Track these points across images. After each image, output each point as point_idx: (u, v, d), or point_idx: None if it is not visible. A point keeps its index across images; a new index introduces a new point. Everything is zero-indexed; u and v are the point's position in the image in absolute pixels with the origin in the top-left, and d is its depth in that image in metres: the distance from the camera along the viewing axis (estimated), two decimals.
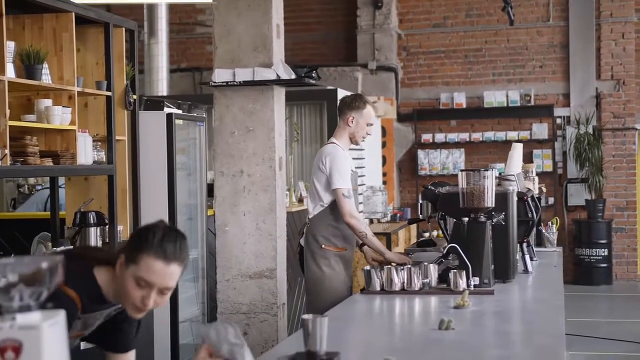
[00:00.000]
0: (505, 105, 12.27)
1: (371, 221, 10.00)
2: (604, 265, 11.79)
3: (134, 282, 2.54)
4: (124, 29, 5.75)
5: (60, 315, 1.73)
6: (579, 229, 11.93)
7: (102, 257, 2.66)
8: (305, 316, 2.57)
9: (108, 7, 11.66)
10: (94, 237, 5.27)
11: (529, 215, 4.94)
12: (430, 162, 12.43)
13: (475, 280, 4.20)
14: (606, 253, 11.78)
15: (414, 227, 10.56)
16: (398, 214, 10.68)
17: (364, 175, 9.80)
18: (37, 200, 7.37)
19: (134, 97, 5.77)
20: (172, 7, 12.16)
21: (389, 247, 8.53)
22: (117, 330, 2.76)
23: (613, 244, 11.95)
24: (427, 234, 10.46)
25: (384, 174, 11.77)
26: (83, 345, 2.97)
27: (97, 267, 2.64)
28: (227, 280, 5.38)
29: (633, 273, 12.17)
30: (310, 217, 5.03)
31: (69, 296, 2.53)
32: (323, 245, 4.96)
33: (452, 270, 4.17)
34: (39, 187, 7.98)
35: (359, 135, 5.02)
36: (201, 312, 6.58)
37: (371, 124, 5.05)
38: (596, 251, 11.75)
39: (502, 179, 5.07)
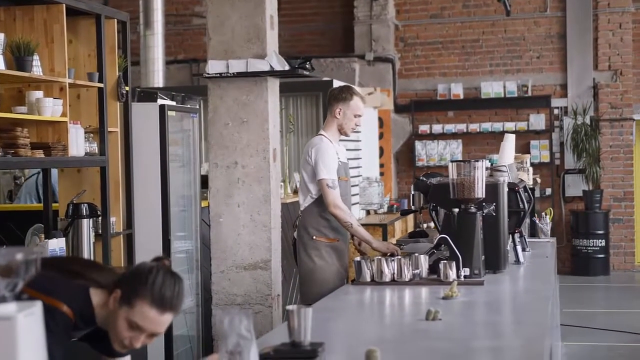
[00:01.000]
0: (503, 96, 12.24)
1: (367, 212, 10.00)
2: (601, 256, 11.78)
3: (125, 323, 2.54)
4: (115, 20, 5.74)
5: (37, 307, 1.73)
6: (576, 219, 11.91)
7: (100, 281, 2.65)
8: (290, 307, 2.59)
9: None
10: (87, 228, 5.26)
11: (521, 206, 4.93)
12: (428, 153, 12.41)
13: (465, 271, 4.21)
14: (603, 244, 11.78)
15: (410, 218, 10.56)
16: (395, 205, 10.66)
17: (360, 167, 9.80)
18: (28, 190, 7.35)
19: (127, 88, 5.77)
20: None
21: (384, 239, 8.53)
22: None
23: (610, 234, 11.94)
24: (424, 225, 10.45)
25: (382, 165, 11.76)
26: None
27: (93, 288, 2.64)
28: (221, 272, 5.38)
29: (630, 264, 12.17)
30: (301, 209, 5.03)
31: (64, 313, 2.54)
32: (314, 237, 4.96)
33: (442, 261, 4.17)
34: None
35: (347, 126, 5.01)
36: (195, 303, 6.58)
37: (359, 115, 5.03)
38: (593, 242, 11.75)
39: (493, 169, 5.06)
